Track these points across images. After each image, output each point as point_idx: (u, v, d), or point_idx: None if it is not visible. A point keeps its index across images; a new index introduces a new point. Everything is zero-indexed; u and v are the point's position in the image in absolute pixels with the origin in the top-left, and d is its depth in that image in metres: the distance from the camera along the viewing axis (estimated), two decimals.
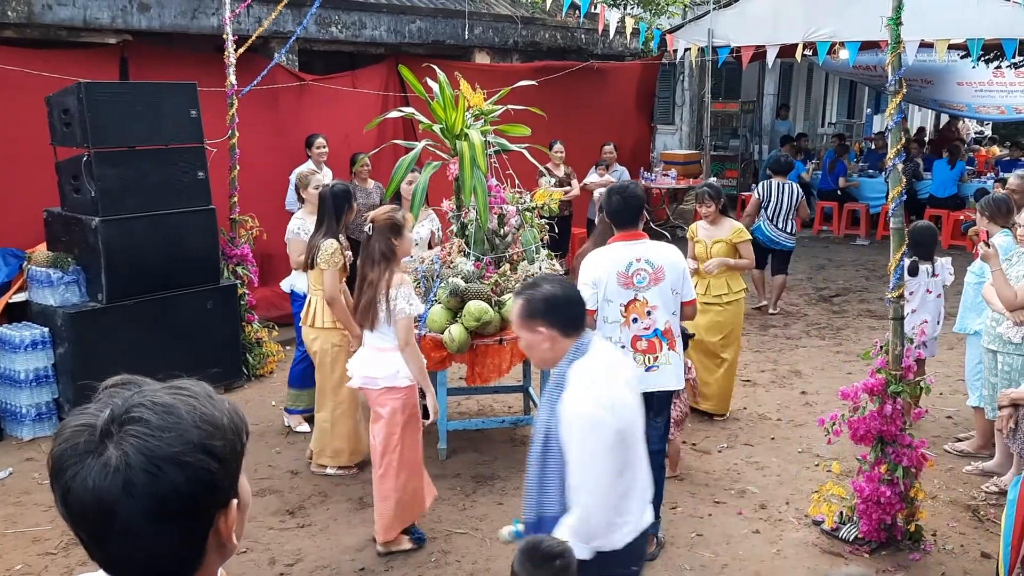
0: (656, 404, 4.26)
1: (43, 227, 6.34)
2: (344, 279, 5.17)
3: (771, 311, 9.21)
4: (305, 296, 5.55)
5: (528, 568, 2.38)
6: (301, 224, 5.82)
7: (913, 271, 5.60)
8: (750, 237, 6.26)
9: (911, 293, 5.59)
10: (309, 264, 5.12)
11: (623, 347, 4.16)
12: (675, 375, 4.26)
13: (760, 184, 9.27)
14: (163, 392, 1.14)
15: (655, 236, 4.65)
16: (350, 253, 5.45)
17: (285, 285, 6.19)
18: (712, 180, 6.71)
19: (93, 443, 1.08)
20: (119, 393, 1.14)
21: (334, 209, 5.12)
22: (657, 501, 4.47)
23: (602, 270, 4.15)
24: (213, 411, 1.15)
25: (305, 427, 5.91)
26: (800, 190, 9.06)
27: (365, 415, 5.03)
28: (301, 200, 6.15)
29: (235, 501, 1.18)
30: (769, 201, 8.86)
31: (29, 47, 6.98)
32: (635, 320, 4.17)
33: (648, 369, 4.19)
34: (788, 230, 8.91)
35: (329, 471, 5.33)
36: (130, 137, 6.05)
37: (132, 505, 1.06)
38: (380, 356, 4.29)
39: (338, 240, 5.08)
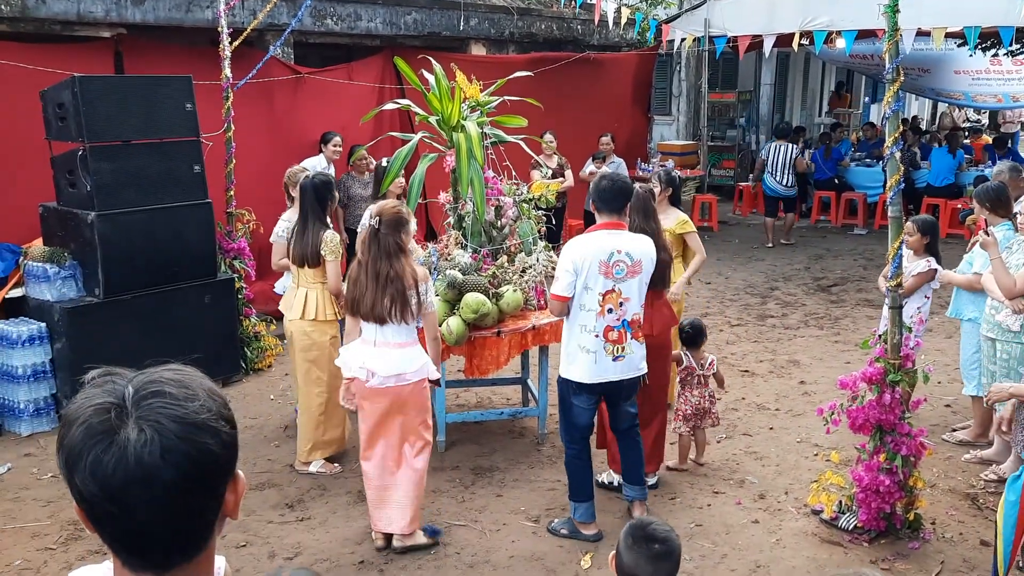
0: (625, 391, 4.41)
1: (39, 222, 6.32)
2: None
3: (783, 241, 11.90)
4: None
5: (628, 543, 2.47)
6: (287, 226, 5.59)
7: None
8: (695, 229, 5.97)
9: (927, 298, 5.60)
10: (309, 260, 5.03)
11: (597, 336, 4.20)
12: (637, 364, 4.38)
13: (764, 147, 12.06)
14: (168, 371, 1.20)
15: None
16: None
17: (279, 287, 6.04)
18: (671, 169, 6.95)
19: (122, 419, 1.12)
20: (112, 380, 1.17)
21: (318, 201, 5.07)
22: (639, 470, 4.59)
23: (584, 257, 4.18)
24: (213, 385, 1.22)
25: None
26: (796, 149, 11.73)
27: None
28: (291, 199, 5.86)
29: (241, 472, 1.24)
30: (769, 159, 11.64)
31: (23, 41, 6.95)
32: (609, 310, 4.21)
33: (616, 359, 4.27)
34: (786, 183, 11.64)
35: (313, 468, 5.23)
36: (125, 131, 6.03)
37: (170, 471, 1.10)
38: (403, 352, 4.25)
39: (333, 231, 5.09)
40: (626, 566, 2.47)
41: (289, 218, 5.66)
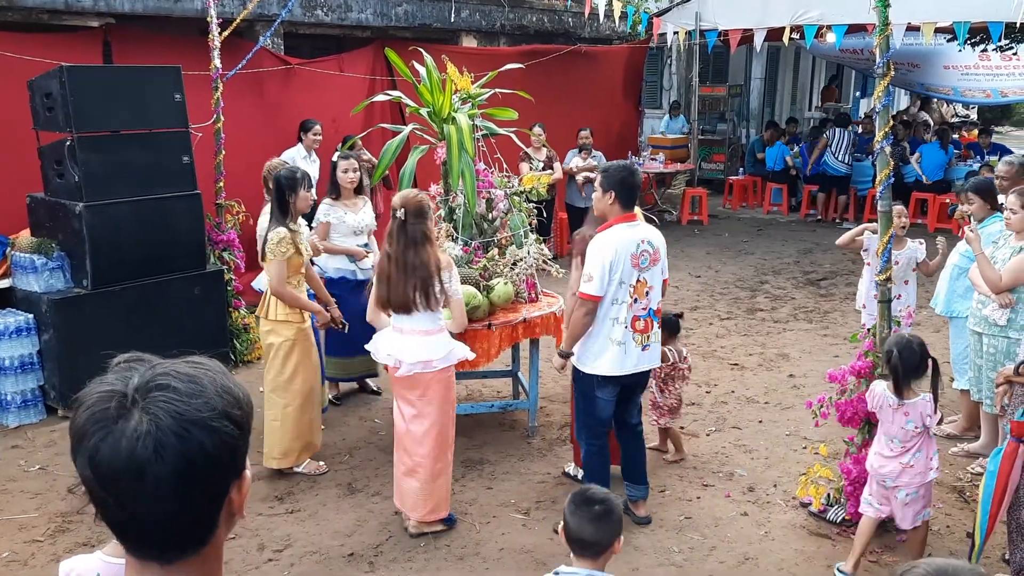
0: (643, 382, 4.50)
1: (26, 212, 6.28)
2: (301, 266, 5.05)
3: (837, 219, 13.19)
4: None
5: (571, 509, 2.71)
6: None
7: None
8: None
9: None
10: (260, 255, 4.96)
11: (625, 327, 4.23)
12: (659, 352, 4.49)
13: (828, 132, 13.38)
14: (184, 364, 1.20)
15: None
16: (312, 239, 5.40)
17: (258, 284, 5.86)
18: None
19: (123, 408, 1.12)
20: (135, 367, 1.18)
21: (277, 197, 4.93)
22: (644, 469, 4.64)
23: (617, 253, 4.19)
24: (229, 384, 1.21)
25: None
26: (855, 133, 13.36)
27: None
28: (270, 193, 5.67)
29: (247, 472, 1.24)
30: (833, 143, 13.09)
31: (10, 31, 6.90)
32: (636, 300, 4.25)
33: (644, 348, 4.32)
34: (846, 160, 13.09)
35: (298, 469, 5.13)
36: (114, 121, 5.99)
37: (162, 466, 1.10)
38: (430, 339, 4.26)
39: (288, 228, 4.87)
40: (572, 531, 2.68)
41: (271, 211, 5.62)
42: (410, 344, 4.28)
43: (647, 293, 4.28)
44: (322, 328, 5.29)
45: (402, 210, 4.21)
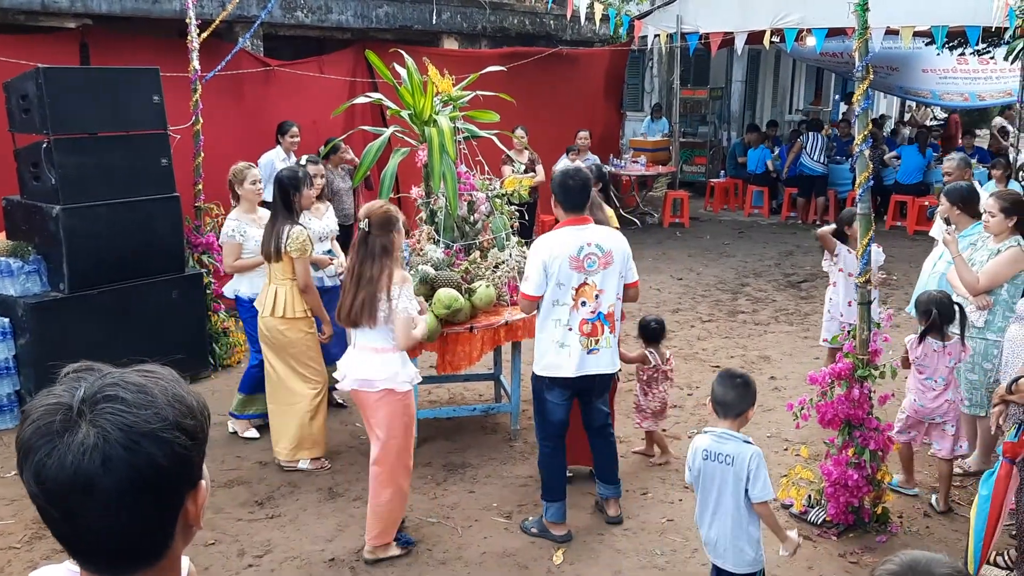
0: (598, 388, 4.41)
1: (2, 215, 6.21)
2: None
3: (817, 222, 12.73)
4: (251, 300, 5.46)
5: (717, 382, 3.46)
6: (236, 226, 5.50)
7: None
8: (618, 225, 5.82)
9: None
10: (273, 255, 4.97)
11: (570, 329, 4.21)
12: (612, 359, 4.35)
13: (802, 136, 13.53)
14: (134, 374, 1.17)
15: (624, 222, 4.65)
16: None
17: (228, 291, 5.76)
18: (599, 163, 7.12)
19: (68, 421, 1.09)
20: (84, 377, 1.15)
21: (281, 195, 5.00)
22: (613, 469, 4.63)
23: (554, 254, 4.18)
24: (182, 392, 1.18)
25: (253, 433, 5.67)
26: (826, 137, 13.52)
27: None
28: (235, 197, 5.66)
29: (203, 482, 1.21)
30: (808, 145, 13.21)
31: None
32: (583, 303, 4.21)
33: (590, 352, 4.25)
34: (821, 160, 13.17)
35: (303, 465, 5.18)
36: (91, 123, 5.94)
37: (110, 479, 1.07)
38: (377, 357, 4.11)
39: (301, 227, 5.03)
40: (717, 396, 3.42)
41: (237, 217, 5.55)
42: (357, 359, 4.16)
43: (596, 296, 4.21)
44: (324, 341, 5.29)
45: (366, 221, 4.12)
